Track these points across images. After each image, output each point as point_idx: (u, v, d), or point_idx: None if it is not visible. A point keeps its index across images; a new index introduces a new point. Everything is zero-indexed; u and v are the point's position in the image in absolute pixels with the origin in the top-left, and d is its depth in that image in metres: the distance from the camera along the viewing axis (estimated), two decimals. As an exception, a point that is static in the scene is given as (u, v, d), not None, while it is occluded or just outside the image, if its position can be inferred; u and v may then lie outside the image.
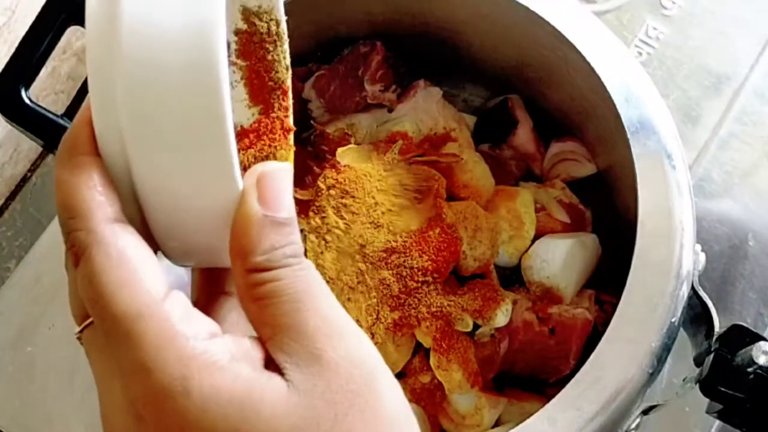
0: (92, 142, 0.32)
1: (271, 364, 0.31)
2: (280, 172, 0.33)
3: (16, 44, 0.56)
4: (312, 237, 0.58)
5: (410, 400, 0.57)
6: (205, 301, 0.37)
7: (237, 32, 0.37)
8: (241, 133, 0.36)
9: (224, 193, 0.32)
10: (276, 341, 0.31)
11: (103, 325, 0.31)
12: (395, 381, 0.33)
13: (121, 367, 0.30)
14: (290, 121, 0.37)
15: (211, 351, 0.30)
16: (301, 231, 0.59)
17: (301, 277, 0.32)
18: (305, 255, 0.57)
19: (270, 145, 0.36)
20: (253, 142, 0.35)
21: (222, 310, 0.36)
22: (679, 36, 0.75)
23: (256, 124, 0.36)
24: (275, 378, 0.30)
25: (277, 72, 0.37)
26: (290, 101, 0.38)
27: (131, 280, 0.30)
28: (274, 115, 0.37)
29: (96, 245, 0.31)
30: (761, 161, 0.71)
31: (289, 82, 0.37)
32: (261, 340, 0.32)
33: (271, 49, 0.37)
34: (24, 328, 0.69)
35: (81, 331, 0.32)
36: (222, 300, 0.37)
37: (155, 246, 0.34)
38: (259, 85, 0.37)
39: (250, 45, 0.37)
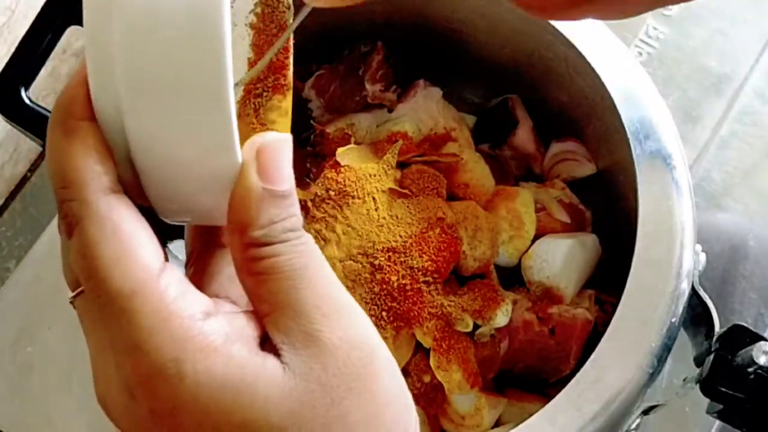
0: (88, 104, 0.30)
1: (267, 343, 0.30)
2: (281, 142, 0.31)
3: (16, 44, 0.56)
4: (312, 236, 0.58)
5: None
6: (199, 253, 0.36)
7: None
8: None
9: (222, 162, 0.31)
10: (273, 319, 0.30)
11: (97, 300, 0.29)
12: (394, 363, 0.32)
13: (113, 343, 0.29)
14: (290, 61, 0.36)
15: (206, 332, 0.29)
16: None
17: (300, 252, 0.31)
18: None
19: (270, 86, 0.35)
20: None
21: (218, 264, 0.35)
22: (679, 36, 0.75)
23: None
24: (270, 360, 0.30)
25: (281, 12, 0.36)
26: (291, 42, 0.36)
27: (126, 256, 0.29)
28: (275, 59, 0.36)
29: (90, 218, 0.29)
30: (761, 161, 0.72)
31: (290, 20, 0.36)
32: (258, 316, 0.31)
33: None
34: (24, 328, 0.69)
35: (74, 297, 0.31)
36: (217, 254, 0.35)
37: (147, 201, 0.32)
38: (263, 29, 0.36)
39: None
